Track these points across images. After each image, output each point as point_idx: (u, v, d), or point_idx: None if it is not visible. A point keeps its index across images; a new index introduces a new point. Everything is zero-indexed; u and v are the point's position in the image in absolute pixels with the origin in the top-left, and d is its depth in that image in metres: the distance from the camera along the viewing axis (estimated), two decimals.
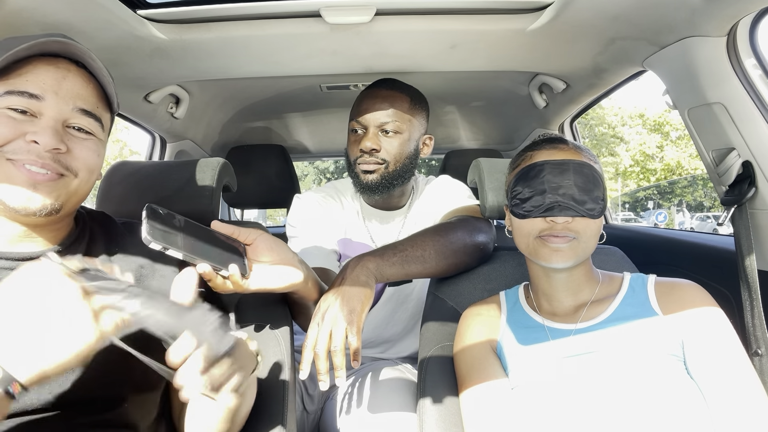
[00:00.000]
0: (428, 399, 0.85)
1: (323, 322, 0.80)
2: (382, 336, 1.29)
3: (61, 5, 0.86)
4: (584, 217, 0.77)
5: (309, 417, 1.24)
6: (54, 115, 0.62)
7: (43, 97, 0.61)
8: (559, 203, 0.77)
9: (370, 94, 1.18)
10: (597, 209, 0.77)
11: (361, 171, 1.16)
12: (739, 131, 0.96)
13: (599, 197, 0.78)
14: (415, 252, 0.94)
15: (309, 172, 24.02)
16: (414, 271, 0.94)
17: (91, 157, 0.66)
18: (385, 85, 1.20)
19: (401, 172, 1.17)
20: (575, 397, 0.73)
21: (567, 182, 0.77)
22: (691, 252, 1.37)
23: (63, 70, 0.64)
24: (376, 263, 0.90)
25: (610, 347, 0.75)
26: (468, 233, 1.01)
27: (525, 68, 1.42)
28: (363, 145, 1.14)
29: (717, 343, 0.72)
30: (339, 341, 0.78)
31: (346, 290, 0.84)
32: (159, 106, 1.53)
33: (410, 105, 1.18)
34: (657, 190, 22.99)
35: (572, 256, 0.77)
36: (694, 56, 0.98)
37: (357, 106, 1.19)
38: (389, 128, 1.15)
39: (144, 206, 0.65)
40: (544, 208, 0.77)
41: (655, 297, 0.78)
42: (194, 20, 1.08)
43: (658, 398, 0.69)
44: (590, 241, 0.79)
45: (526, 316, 0.86)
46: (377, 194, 1.17)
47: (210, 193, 1.00)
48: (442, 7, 1.07)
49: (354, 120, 1.18)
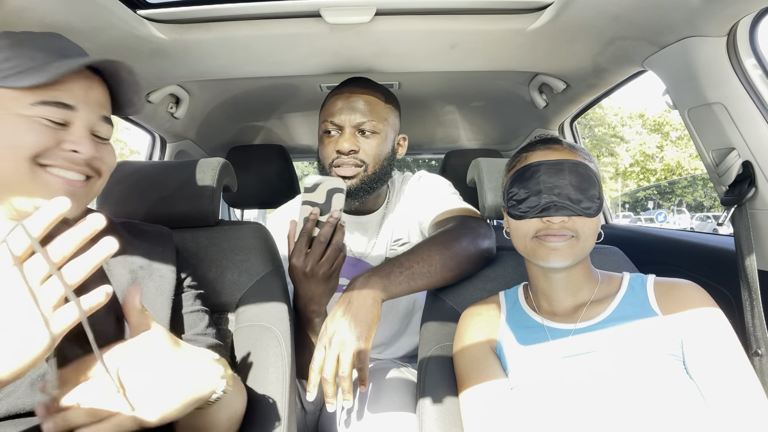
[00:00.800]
0: (428, 399, 0.85)
1: (330, 347, 0.79)
2: (376, 339, 1.28)
3: (61, 5, 0.86)
4: (581, 216, 0.77)
5: (308, 417, 1.24)
6: (85, 124, 0.65)
7: (75, 108, 0.64)
8: (555, 203, 0.77)
9: (344, 94, 1.13)
10: (593, 208, 0.78)
11: (338, 176, 1.09)
12: (739, 131, 0.96)
13: (595, 196, 0.78)
14: (422, 268, 0.93)
15: (309, 172, 24.02)
16: (419, 286, 0.93)
17: (113, 159, 0.70)
18: (358, 84, 1.15)
19: (381, 174, 1.13)
20: (575, 397, 0.73)
21: (562, 182, 0.78)
22: (691, 252, 1.37)
23: (88, 80, 0.66)
24: (383, 284, 0.89)
25: (610, 347, 0.75)
26: (472, 241, 1.00)
27: (525, 68, 1.42)
28: (340, 146, 1.09)
29: (716, 343, 0.72)
30: (347, 368, 0.77)
31: (354, 313, 0.83)
32: (159, 106, 1.53)
33: (385, 104, 1.14)
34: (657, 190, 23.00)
35: (570, 255, 0.78)
36: (694, 56, 0.98)
37: (330, 106, 1.13)
38: (366, 128, 1.10)
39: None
40: (540, 209, 0.78)
41: (655, 297, 0.78)
42: (194, 20, 1.08)
43: (657, 398, 0.69)
44: (588, 240, 0.79)
45: (525, 316, 0.86)
46: (357, 199, 1.12)
47: (210, 193, 1.00)
48: (442, 7, 1.07)
49: (327, 121, 1.12)
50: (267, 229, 1.08)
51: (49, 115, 0.62)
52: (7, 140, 0.60)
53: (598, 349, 0.75)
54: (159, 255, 0.79)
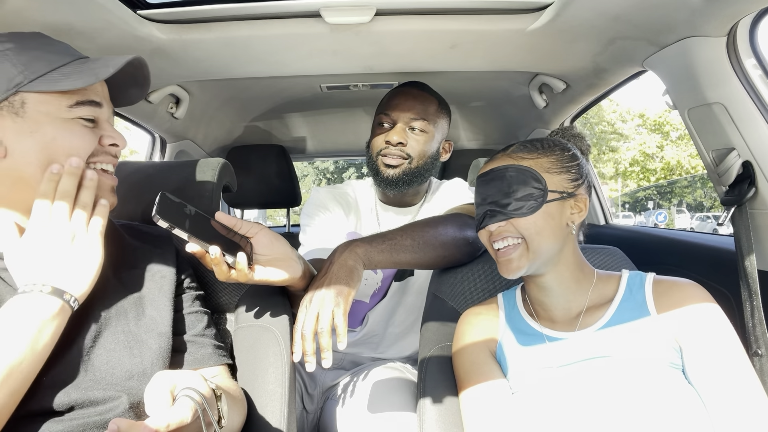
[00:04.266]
0: (428, 399, 0.85)
1: (311, 305, 0.81)
2: (385, 333, 1.29)
3: (61, 5, 0.86)
4: (516, 218, 0.78)
5: (309, 416, 1.24)
6: (108, 118, 0.70)
7: (101, 104, 0.68)
8: (487, 212, 0.81)
9: (401, 92, 1.23)
10: (524, 207, 0.78)
11: (384, 164, 1.19)
12: (739, 131, 0.96)
13: (528, 195, 0.78)
14: (404, 241, 0.95)
15: (309, 172, 24.02)
16: (403, 260, 0.95)
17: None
18: (417, 87, 1.25)
19: (422, 170, 1.20)
20: (574, 404, 0.72)
21: (491, 190, 0.81)
22: (691, 252, 1.37)
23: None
24: (364, 249, 0.91)
25: (609, 353, 0.75)
26: (458, 228, 1.02)
27: (525, 68, 1.42)
28: (390, 137, 1.17)
29: (717, 344, 0.71)
30: (325, 323, 0.78)
31: (333, 273, 0.85)
32: (159, 106, 1.53)
33: (437, 109, 1.23)
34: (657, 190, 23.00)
35: (523, 262, 0.78)
36: (694, 56, 0.98)
37: (387, 101, 1.23)
38: (416, 126, 1.18)
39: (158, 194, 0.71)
40: (482, 219, 0.82)
41: (653, 298, 0.78)
42: (194, 20, 1.08)
43: (657, 403, 0.69)
44: (540, 239, 0.78)
45: (523, 323, 0.86)
46: (396, 189, 1.19)
47: (210, 193, 1.00)
48: (442, 7, 1.07)
49: (383, 113, 1.21)
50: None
51: (84, 115, 0.66)
52: (63, 147, 0.64)
53: (597, 356, 0.75)
54: (159, 256, 0.79)
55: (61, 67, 0.64)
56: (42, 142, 0.63)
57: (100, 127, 0.69)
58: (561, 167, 0.81)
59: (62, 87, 0.62)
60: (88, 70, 0.64)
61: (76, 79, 0.63)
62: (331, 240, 1.17)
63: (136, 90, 0.76)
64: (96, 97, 0.67)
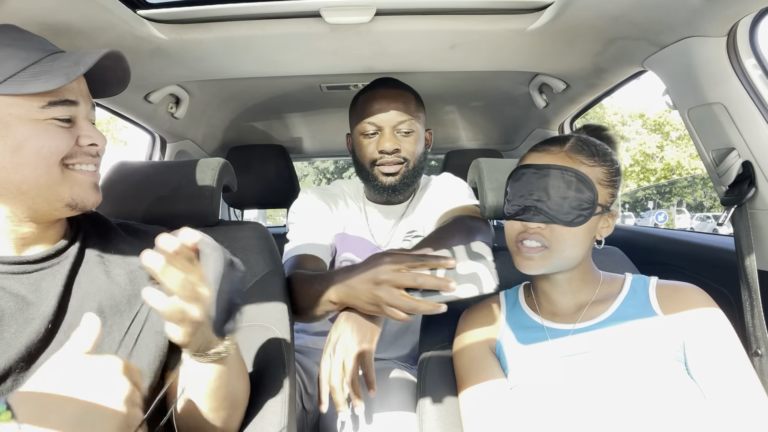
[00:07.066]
0: (428, 399, 0.85)
1: (335, 354, 0.79)
2: (383, 331, 1.28)
3: (61, 5, 0.86)
4: (559, 225, 0.76)
5: (308, 416, 1.24)
6: (86, 116, 0.67)
7: (77, 102, 0.65)
8: (533, 207, 0.77)
9: (379, 95, 1.17)
10: (575, 216, 0.75)
11: (382, 173, 1.16)
12: (739, 131, 0.96)
13: (579, 205, 0.75)
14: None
15: (309, 172, 24.00)
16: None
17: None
18: (391, 85, 1.20)
19: (418, 169, 1.20)
20: (574, 397, 0.73)
21: (541, 186, 0.77)
22: (691, 252, 1.37)
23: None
24: None
25: (609, 347, 0.75)
26: (465, 236, 1.01)
27: (525, 68, 1.42)
28: (383, 146, 1.14)
29: (718, 345, 0.72)
30: (351, 372, 0.77)
31: (355, 317, 0.84)
32: (159, 106, 1.53)
33: (416, 103, 1.20)
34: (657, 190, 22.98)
35: (544, 266, 0.78)
36: (694, 56, 0.98)
37: (367, 107, 1.17)
38: (404, 128, 1.15)
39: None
40: (521, 211, 0.78)
41: (656, 299, 0.78)
42: (194, 20, 1.07)
43: (657, 398, 0.69)
44: (566, 251, 0.77)
45: (525, 317, 0.86)
46: (397, 193, 1.18)
47: (210, 193, 1.00)
48: (442, 7, 1.07)
49: (365, 121, 1.16)
50: (267, 229, 1.08)
51: (58, 115, 0.63)
52: (34, 149, 0.61)
53: (598, 348, 0.75)
54: None
55: (31, 66, 0.61)
56: (12, 145, 0.60)
57: (77, 126, 0.65)
58: (609, 180, 0.79)
59: (30, 90, 0.59)
60: (59, 69, 0.61)
61: (45, 80, 0.60)
62: (317, 237, 1.16)
63: (116, 83, 0.73)
64: (71, 96, 0.64)
